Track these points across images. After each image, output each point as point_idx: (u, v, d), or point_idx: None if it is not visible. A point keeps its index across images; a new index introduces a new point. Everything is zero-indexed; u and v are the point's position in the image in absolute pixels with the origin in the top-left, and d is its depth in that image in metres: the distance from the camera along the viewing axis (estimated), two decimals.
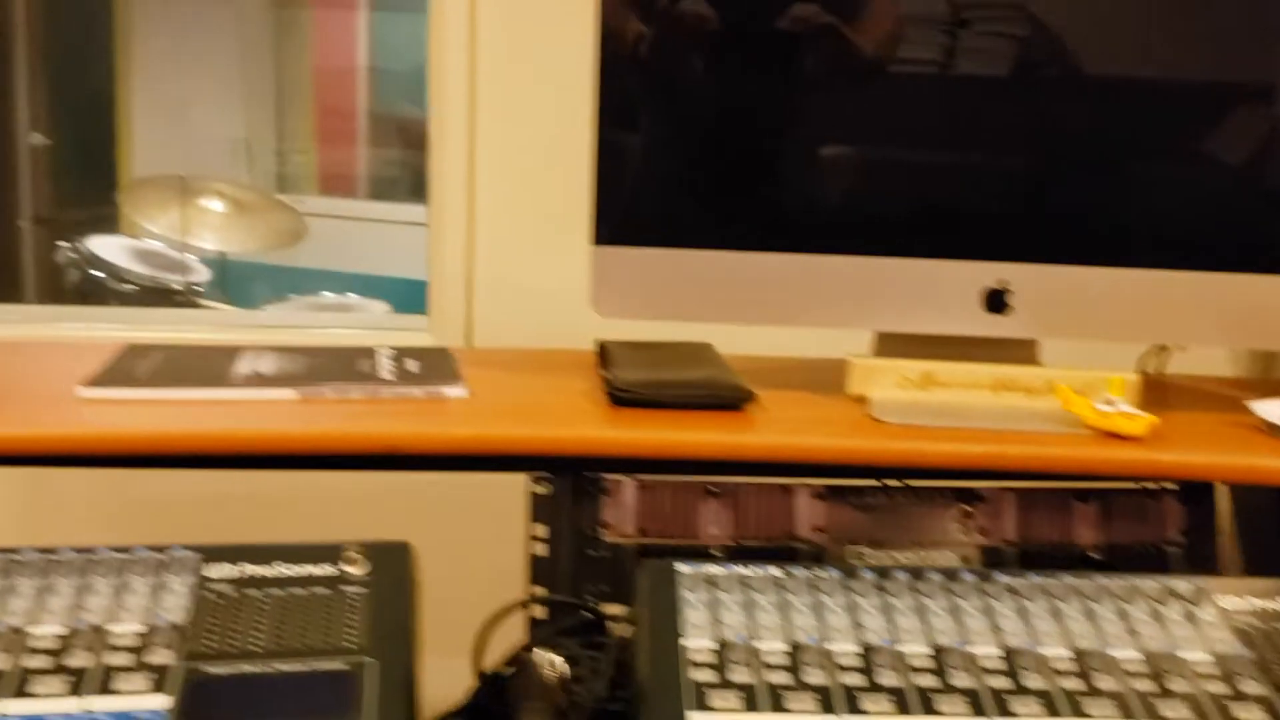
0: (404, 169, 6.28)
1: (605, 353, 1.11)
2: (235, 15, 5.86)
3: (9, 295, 6.78)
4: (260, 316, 2.00)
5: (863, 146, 1.06)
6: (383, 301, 3.62)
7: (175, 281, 3.11)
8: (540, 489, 0.91)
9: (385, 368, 1.06)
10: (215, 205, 3.46)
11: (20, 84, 6.74)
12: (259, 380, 0.99)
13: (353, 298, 3.62)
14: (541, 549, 0.90)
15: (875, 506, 0.96)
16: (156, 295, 3.04)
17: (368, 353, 1.12)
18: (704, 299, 1.04)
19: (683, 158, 1.04)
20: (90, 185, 6.57)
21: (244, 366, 1.04)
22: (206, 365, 1.03)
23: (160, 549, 0.74)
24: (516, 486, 0.93)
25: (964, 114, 1.05)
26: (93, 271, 3.07)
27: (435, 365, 1.08)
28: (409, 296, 4.06)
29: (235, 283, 3.87)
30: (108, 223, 6.21)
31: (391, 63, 6.21)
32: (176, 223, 3.34)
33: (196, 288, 3.16)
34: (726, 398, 0.97)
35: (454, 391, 0.99)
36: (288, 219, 3.73)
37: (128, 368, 1.01)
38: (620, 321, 1.06)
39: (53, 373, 1.05)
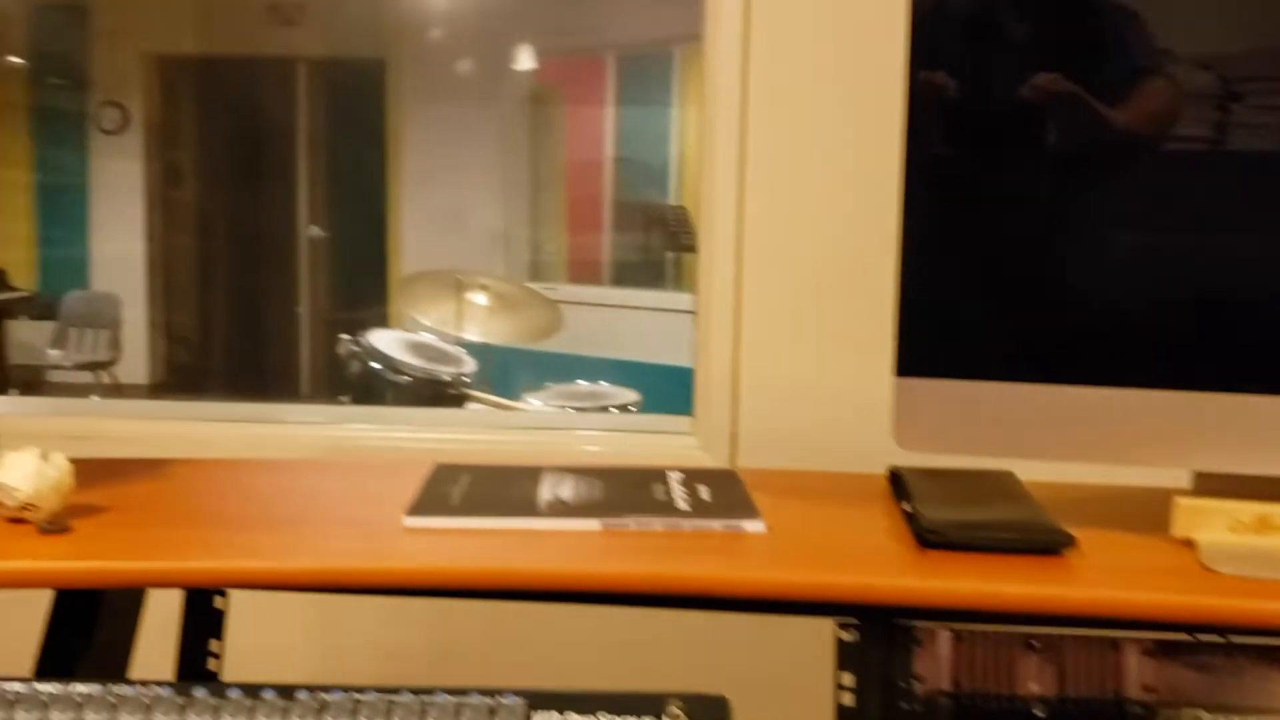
0: (645, 254, 6.46)
1: (901, 482, 1.08)
2: (497, 115, 6.22)
3: (289, 379, 7.32)
4: (530, 418, 2.07)
5: (1186, 270, 1.00)
6: (631, 389, 3.70)
7: (446, 373, 3.27)
8: (847, 636, 0.88)
9: (679, 494, 1.07)
10: (480, 299, 3.64)
11: (302, 182, 7.36)
12: (563, 509, 1.01)
13: (604, 386, 3.72)
14: (849, 699, 0.87)
15: (1214, 665, 0.88)
16: (428, 386, 3.21)
17: (660, 476, 1.14)
18: (1012, 435, 1.00)
19: (994, 280, 1.01)
20: (363, 275, 7.07)
21: (547, 491, 1.07)
22: (513, 490, 1.07)
23: (490, 693, 0.76)
24: (822, 630, 0.91)
25: None
26: (372, 364, 3.26)
27: (728, 493, 1.08)
28: (654, 380, 4.14)
29: (497, 370, 4.05)
30: (379, 313, 6.65)
31: (636, 153, 6.44)
32: (446, 316, 3.53)
33: (464, 378, 3.32)
34: (1044, 542, 0.92)
35: (753, 527, 0.98)
36: (545, 311, 3.88)
37: (442, 492, 1.05)
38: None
39: (369, 493, 1.11)
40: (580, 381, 3.74)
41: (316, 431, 1.89)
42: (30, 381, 6.42)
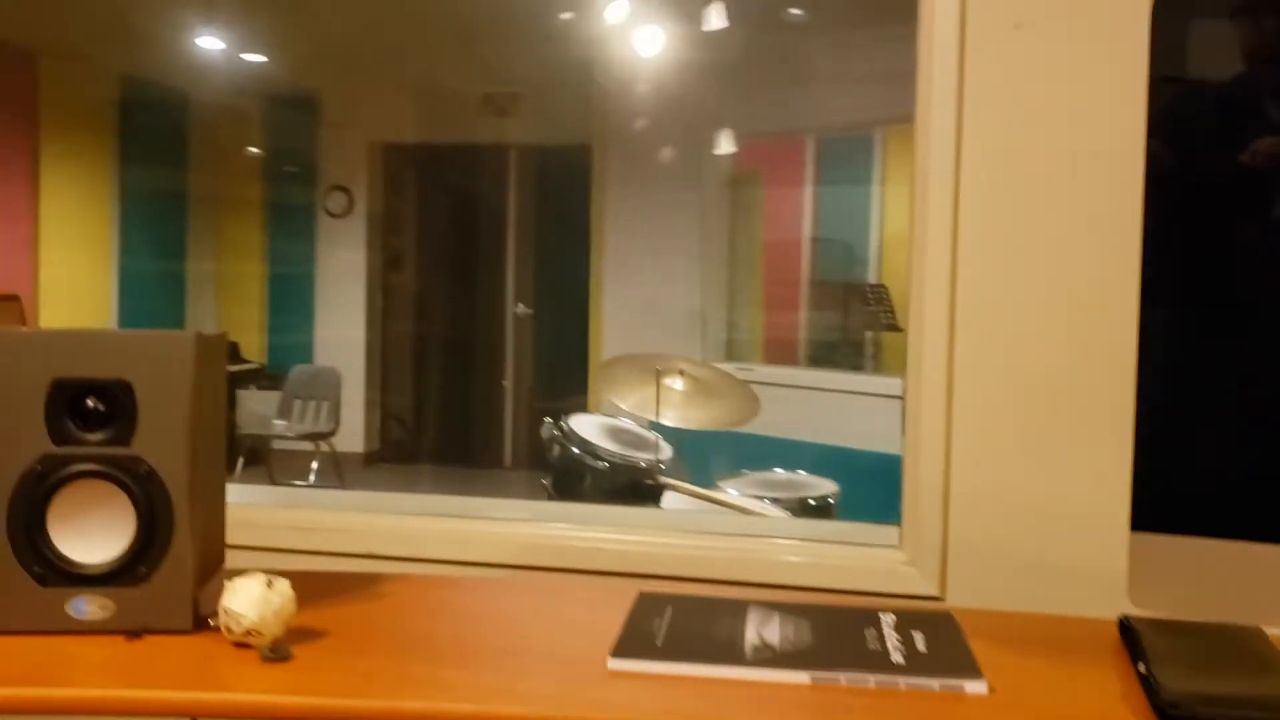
0: (843, 334, 6.38)
1: (1135, 637, 1.00)
2: (696, 198, 6.31)
3: (494, 450, 7.54)
4: (729, 524, 2.04)
5: None
6: (829, 478, 3.63)
7: (643, 459, 3.29)
8: None
9: (893, 643, 1.02)
10: (677, 384, 3.65)
11: (510, 262, 7.64)
12: (770, 657, 0.98)
13: (801, 475, 3.66)
14: None
15: None
16: (626, 471, 3.24)
17: (872, 619, 1.09)
18: (1257, 597, 0.91)
19: (1246, 434, 0.93)
20: (565, 349, 7.25)
21: (753, 632, 1.04)
22: (717, 629, 1.04)
23: None
24: None
25: None
26: (572, 449, 3.32)
27: (945, 643, 1.03)
28: (852, 465, 4.04)
29: (693, 452, 4.04)
30: (579, 386, 6.79)
31: (835, 233, 6.39)
32: (644, 401, 3.55)
33: (660, 465, 3.33)
34: None
35: (974, 688, 0.92)
36: (742, 397, 3.85)
37: (647, 630, 1.04)
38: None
39: (575, 621, 1.11)
40: (777, 469, 3.70)
41: (519, 530, 1.92)
42: (256, 449, 6.82)
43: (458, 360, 7.79)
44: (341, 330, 7.56)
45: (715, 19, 5.36)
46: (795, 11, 5.64)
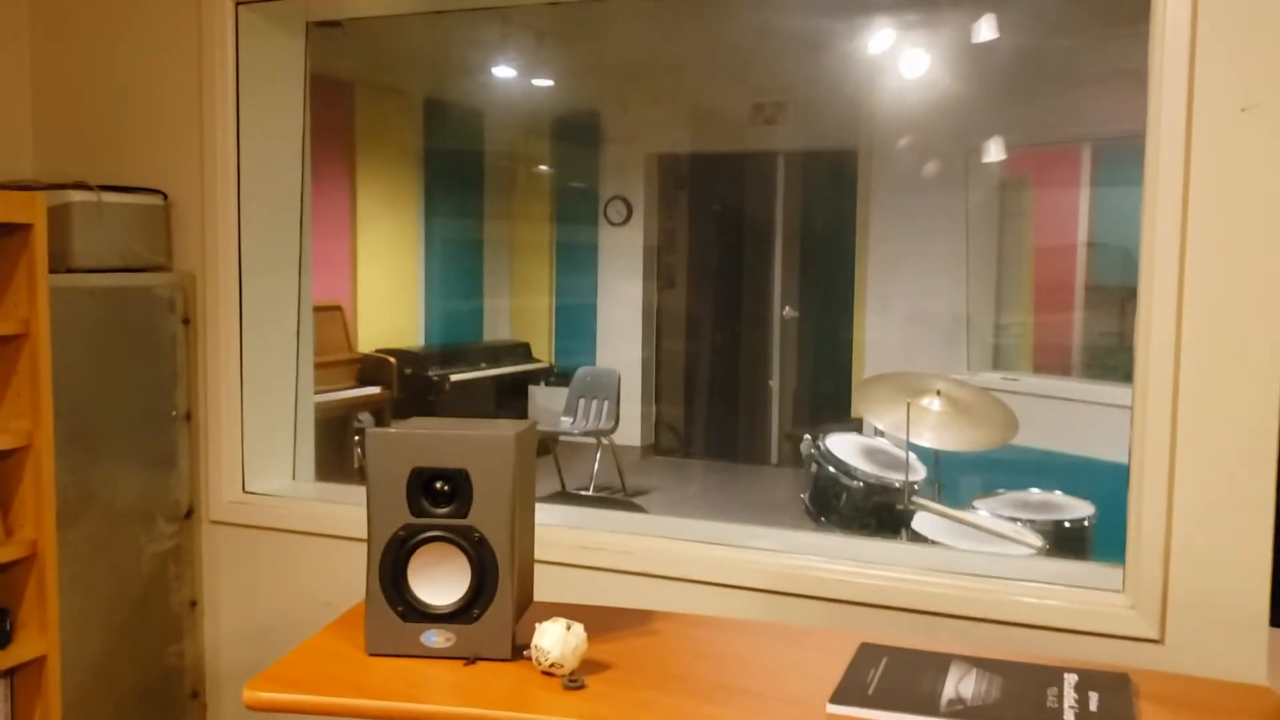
0: (1120, 340, 6.22)
1: None
2: (962, 201, 6.33)
3: (761, 447, 7.84)
4: (963, 561, 2.22)
5: None
6: (1087, 500, 3.66)
7: (897, 480, 3.47)
8: None
9: (1070, 702, 1.21)
10: (934, 405, 3.78)
11: (777, 266, 7.88)
12: (961, 710, 1.20)
13: (1059, 495, 3.71)
14: None
15: None
16: (880, 491, 3.42)
17: (1056, 677, 1.28)
18: None
19: None
20: (829, 351, 7.44)
21: (951, 686, 1.25)
22: (922, 681, 1.26)
23: None
24: None
25: None
26: (829, 468, 3.54)
27: (1116, 705, 1.20)
28: (1118, 481, 4.02)
29: (951, 467, 4.14)
30: (843, 387, 6.96)
31: (1109, 237, 6.24)
32: (900, 421, 3.70)
33: (914, 485, 3.49)
34: None
35: None
36: (1000, 417, 3.91)
37: (862, 679, 1.27)
38: None
39: (806, 665, 1.35)
40: (1034, 490, 3.76)
41: (774, 560, 2.18)
42: (544, 442, 7.43)
43: (726, 360, 8.13)
44: (620, 332, 8.06)
45: (986, 30, 5.38)
46: (1066, 18, 5.57)
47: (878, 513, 3.44)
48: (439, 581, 1.32)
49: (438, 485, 1.31)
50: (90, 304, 2.43)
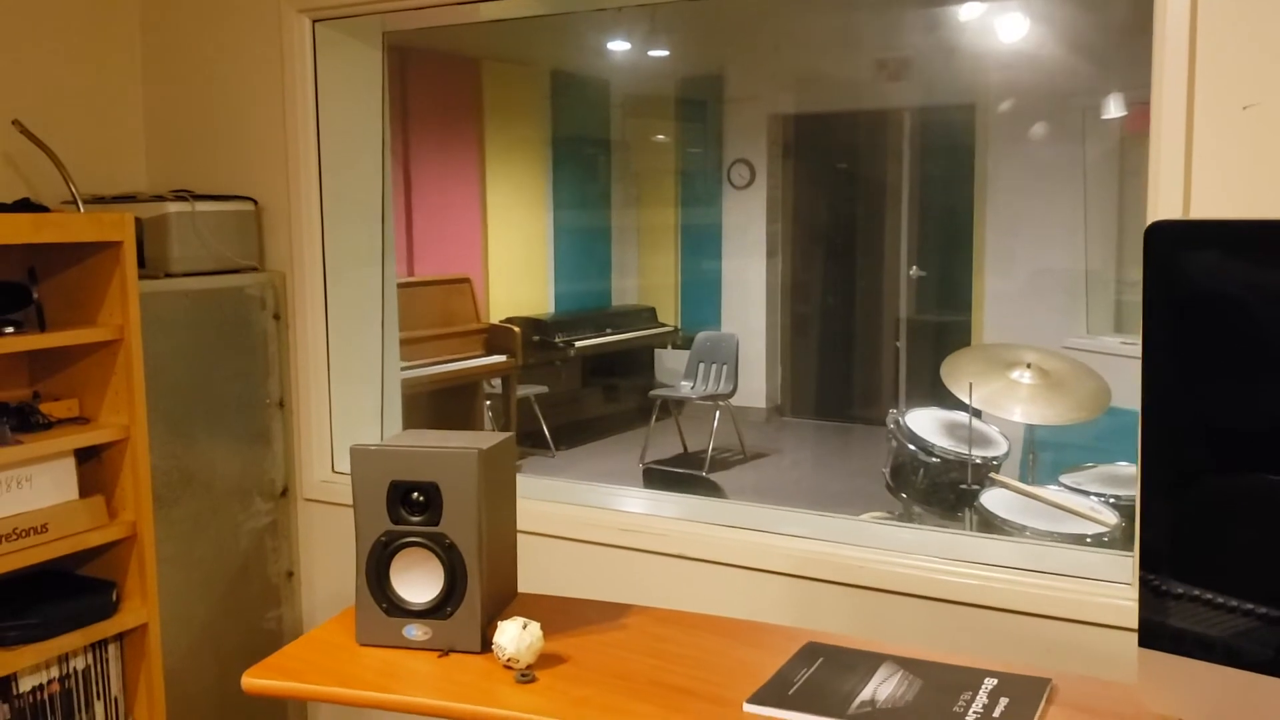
0: None
1: None
2: (1082, 157, 6.15)
3: (880, 407, 7.83)
4: (994, 550, 2.26)
5: None
6: None
7: (976, 456, 3.48)
8: None
9: (977, 706, 1.28)
10: (1024, 378, 3.76)
11: (903, 225, 7.80)
12: (868, 714, 1.29)
13: None
14: None
15: None
16: (959, 468, 3.44)
17: (976, 681, 1.35)
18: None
19: None
20: (952, 308, 7.35)
21: (871, 689, 1.34)
22: (846, 683, 1.36)
23: None
24: None
25: None
26: (907, 444, 3.57)
27: (1018, 713, 1.27)
28: None
29: (1048, 437, 4.11)
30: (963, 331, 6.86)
31: None
32: (992, 394, 3.69)
33: (994, 461, 3.49)
34: None
35: None
36: (1093, 389, 3.86)
37: (788, 679, 1.37)
38: None
39: (746, 663, 1.46)
40: (1122, 463, 3.71)
41: (799, 545, 2.27)
42: (665, 407, 7.61)
43: (849, 320, 8.10)
44: (745, 293, 8.13)
45: None
46: None
47: (954, 488, 3.46)
48: (417, 581, 1.48)
49: (414, 496, 1.47)
50: (188, 305, 2.68)
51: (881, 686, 1.34)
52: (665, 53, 7.76)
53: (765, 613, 2.28)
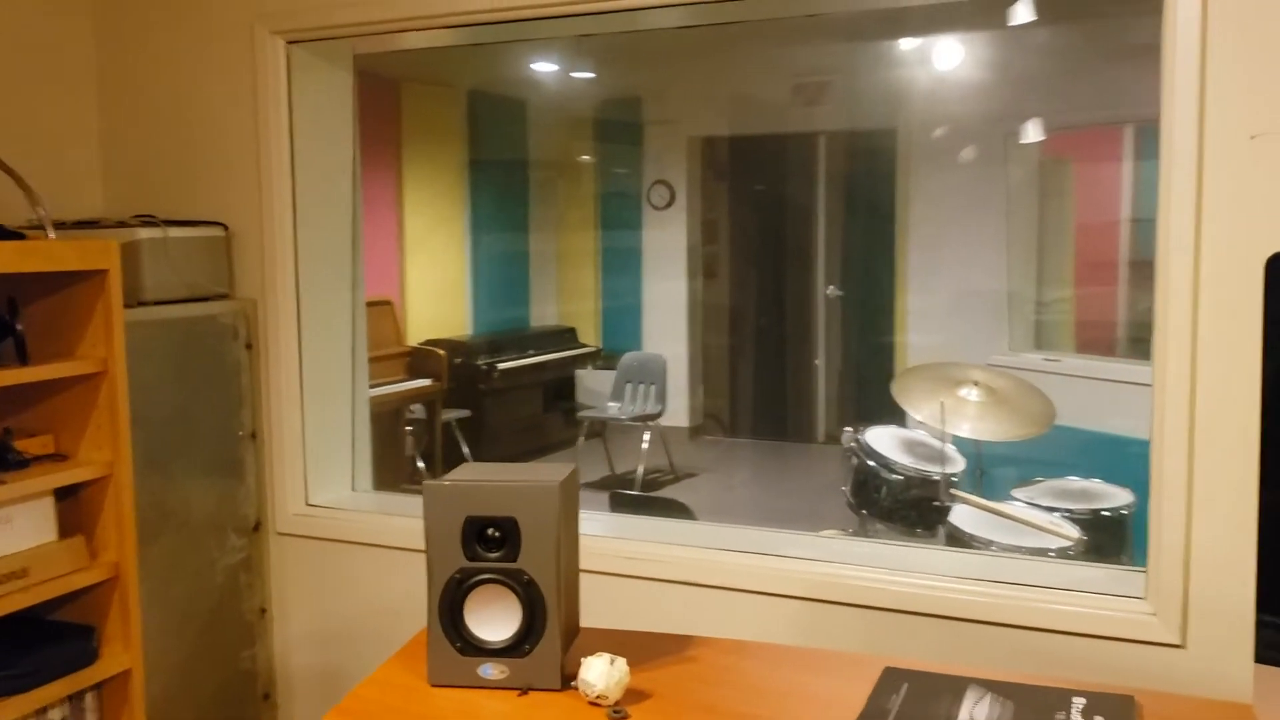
0: None
1: None
2: (1002, 177, 6.36)
3: (807, 424, 7.92)
4: (984, 566, 2.31)
5: None
6: (1126, 489, 3.71)
7: (935, 473, 3.55)
8: None
9: None
10: (971, 395, 3.85)
11: (820, 245, 7.93)
12: None
13: (1097, 483, 3.77)
14: None
15: None
16: (919, 484, 3.51)
17: (1065, 701, 1.38)
18: None
19: None
20: (872, 329, 7.50)
21: (965, 712, 1.35)
22: (938, 708, 1.37)
23: None
24: None
25: None
26: (868, 461, 3.62)
27: None
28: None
29: (989, 459, 4.21)
30: (886, 372, 7.02)
31: (1153, 211, 6.22)
32: (938, 412, 3.77)
33: (953, 477, 3.57)
34: None
35: None
36: (1038, 406, 3.98)
37: (883, 706, 1.38)
38: None
39: (831, 693, 1.46)
40: (1072, 477, 3.82)
41: (808, 568, 2.29)
42: (592, 428, 7.59)
43: (771, 339, 8.21)
44: (665, 314, 8.16)
45: (1023, 13, 5.39)
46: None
47: (917, 505, 3.52)
48: (493, 619, 1.44)
49: (489, 532, 1.43)
50: (160, 335, 2.57)
51: (976, 709, 1.35)
52: (590, 75, 7.77)
53: (773, 636, 2.29)
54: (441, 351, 6.91)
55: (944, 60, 6.37)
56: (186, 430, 2.63)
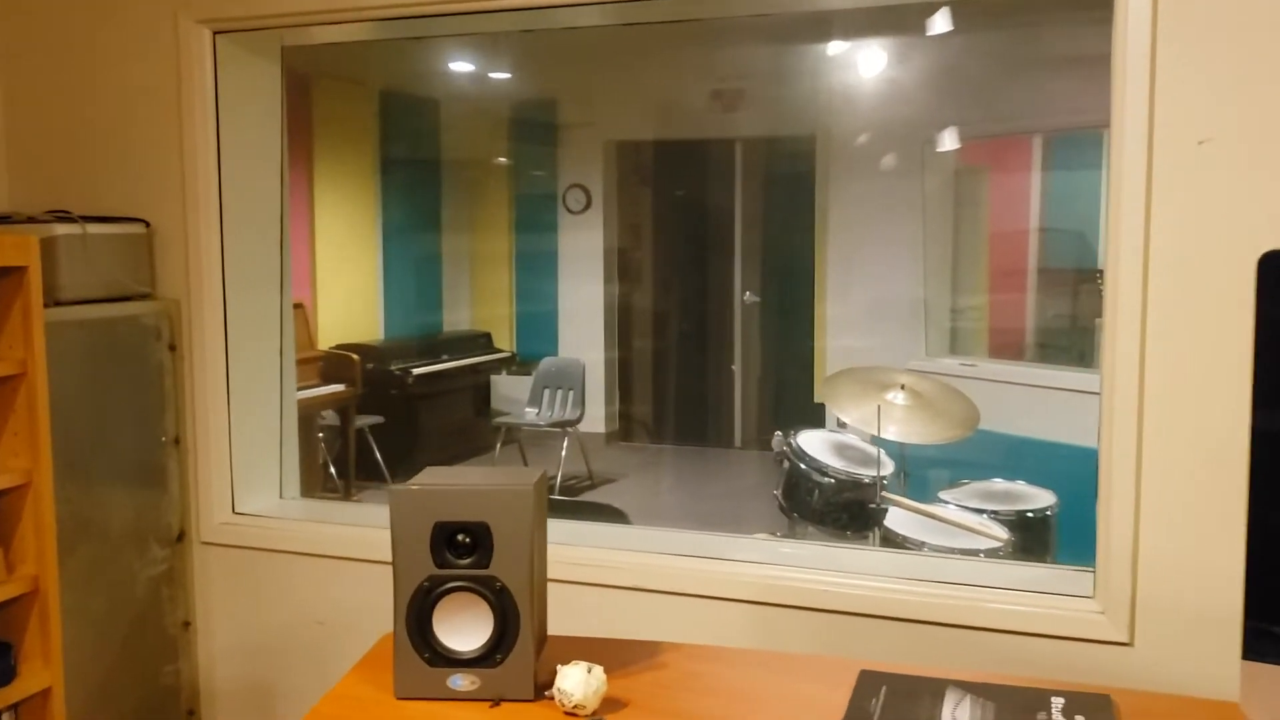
0: (1073, 321, 6.39)
1: None
2: (919, 186, 6.46)
3: (725, 429, 7.95)
4: (935, 568, 2.32)
5: None
6: (1049, 491, 3.79)
7: (866, 476, 3.57)
8: None
9: None
10: (898, 399, 3.89)
11: (738, 250, 7.97)
12: None
13: (1021, 485, 3.84)
14: None
15: None
16: (849, 487, 3.52)
17: (1044, 701, 1.38)
18: None
19: None
20: (792, 335, 7.56)
21: (947, 713, 1.34)
22: (919, 707, 1.35)
23: None
24: None
25: None
26: (800, 464, 3.63)
27: None
28: (1074, 462, 4.13)
29: (915, 462, 4.26)
30: (804, 376, 7.08)
31: (1062, 222, 6.40)
32: (866, 415, 3.80)
33: (883, 479, 3.59)
34: None
35: None
36: (962, 409, 4.03)
37: (865, 709, 1.36)
38: None
39: (803, 698, 1.44)
40: (997, 480, 3.89)
41: (757, 571, 2.27)
42: (508, 433, 7.50)
43: (688, 345, 8.22)
44: (581, 318, 8.12)
45: (940, 23, 5.48)
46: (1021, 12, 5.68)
47: (849, 508, 3.54)
48: (463, 628, 1.39)
49: (459, 538, 1.38)
50: (79, 336, 2.45)
51: (958, 711, 1.34)
52: (507, 75, 7.70)
53: (725, 641, 2.27)
54: (355, 356, 6.77)
55: (863, 67, 6.45)
56: (106, 436, 2.51)
